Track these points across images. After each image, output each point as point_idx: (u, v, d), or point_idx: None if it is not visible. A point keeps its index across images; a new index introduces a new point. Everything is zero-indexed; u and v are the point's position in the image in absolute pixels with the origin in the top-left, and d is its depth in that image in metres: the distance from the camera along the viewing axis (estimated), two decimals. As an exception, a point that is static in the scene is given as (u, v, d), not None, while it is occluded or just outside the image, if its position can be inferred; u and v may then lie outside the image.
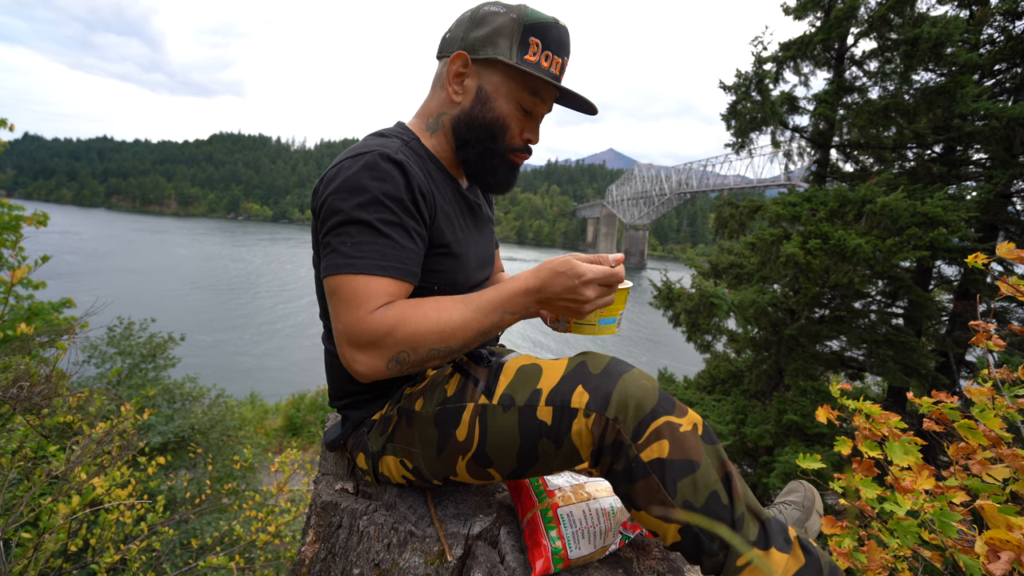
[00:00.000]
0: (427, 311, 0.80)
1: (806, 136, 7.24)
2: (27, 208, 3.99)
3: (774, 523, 0.76)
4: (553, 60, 0.91)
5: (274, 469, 2.99)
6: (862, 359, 6.75)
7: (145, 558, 2.33)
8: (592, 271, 0.80)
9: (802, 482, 1.09)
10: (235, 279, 40.44)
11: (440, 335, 0.79)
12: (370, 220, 0.80)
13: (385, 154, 0.83)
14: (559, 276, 0.81)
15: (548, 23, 0.90)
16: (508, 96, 0.93)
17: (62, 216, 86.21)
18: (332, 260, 0.81)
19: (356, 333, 0.78)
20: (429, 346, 0.79)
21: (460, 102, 0.94)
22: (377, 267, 0.79)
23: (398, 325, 0.77)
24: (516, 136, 0.96)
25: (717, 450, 0.76)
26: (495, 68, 0.92)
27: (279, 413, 14.65)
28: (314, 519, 1.05)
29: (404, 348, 0.78)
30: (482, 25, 0.91)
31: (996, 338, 1.01)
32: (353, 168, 0.82)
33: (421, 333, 0.78)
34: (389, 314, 0.78)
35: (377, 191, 0.80)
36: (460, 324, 0.80)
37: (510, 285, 0.84)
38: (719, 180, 52.20)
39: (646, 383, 0.77)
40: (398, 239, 0.81)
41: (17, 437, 1.93)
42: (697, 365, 8.77)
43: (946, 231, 5.10)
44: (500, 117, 0.93)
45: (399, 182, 0.82)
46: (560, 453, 0.78)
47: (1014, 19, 6.18)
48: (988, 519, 0.68)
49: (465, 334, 0.81)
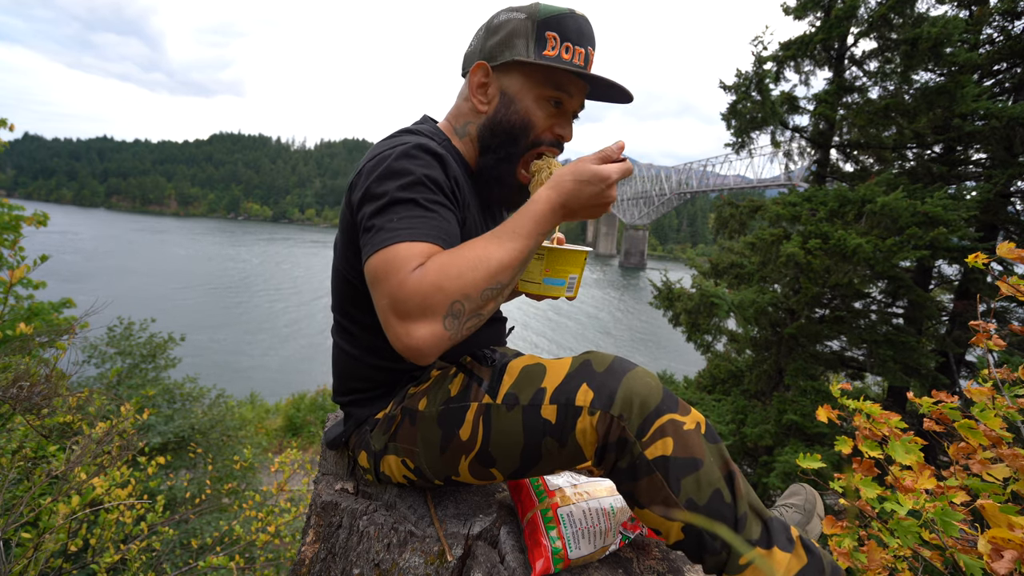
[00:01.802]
0: (465, 253, 0.74)
1: (806, 136, 7.24)
2: (27, 208, 3.99)
3: (777, 522, 0.76)
4: (575, 51, 0.90)
5: (274, 469, 2.99)
6: (862, 359, 6.76)
7: (145, 558, 2.33)
8: (616, 170, 0.80)
9: (803, 485, 1.09)
10: (235, 279, 40.43)
11: (488, 272, 0.73)
12: (415, 198, 0.77)
13: (426, 144, 0.83)
14: (585, 185, 0.79)
15: (563, 14, 0.89)
16: (531, 94, 0.92)
17: (62, 216, 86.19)
18: (375, 238, 0.75)
19: (400, 299, 0.70)
20: (482, 288, 0.73)
21: (486, 111, 0.94)
22: (421, 234, 0.74)
23: (442, 275, 0.70)
24: (544, 131, 0.94)
25: (720, 449, 0.77)
26: (515, 70, 0.91)
27: (279, 413, 14.65)
28: (314, 519, 1.05)
29: (456, 298, 0.71)
30: (497, 32, 0.91)
31: (996, 338, 1.01)
32: (395, 154, 0.81)
33: (469, 276, 0.72)
34: (429, 268, 0.71)
35: (420, 173, 0.79)
36: (502, 255, 0.75)
37: (535, 207, 0.80)
38: (719, 180, 52.20)
39: (650, 381, 0.77)
40: (443, 215, 0.79)
41: (17, 437, 1.93)
42: (696, 365, 8.77)
43: (946, 231, 5.10)
44: (525, 117, 0.93)
45: (439, 170, 0.82)
46: (564, 452, 0.78)
47: (1013, 19, 6.18)
48: (989, 519, 0.68)
49: (511, 263, 0.76)
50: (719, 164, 50.10)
